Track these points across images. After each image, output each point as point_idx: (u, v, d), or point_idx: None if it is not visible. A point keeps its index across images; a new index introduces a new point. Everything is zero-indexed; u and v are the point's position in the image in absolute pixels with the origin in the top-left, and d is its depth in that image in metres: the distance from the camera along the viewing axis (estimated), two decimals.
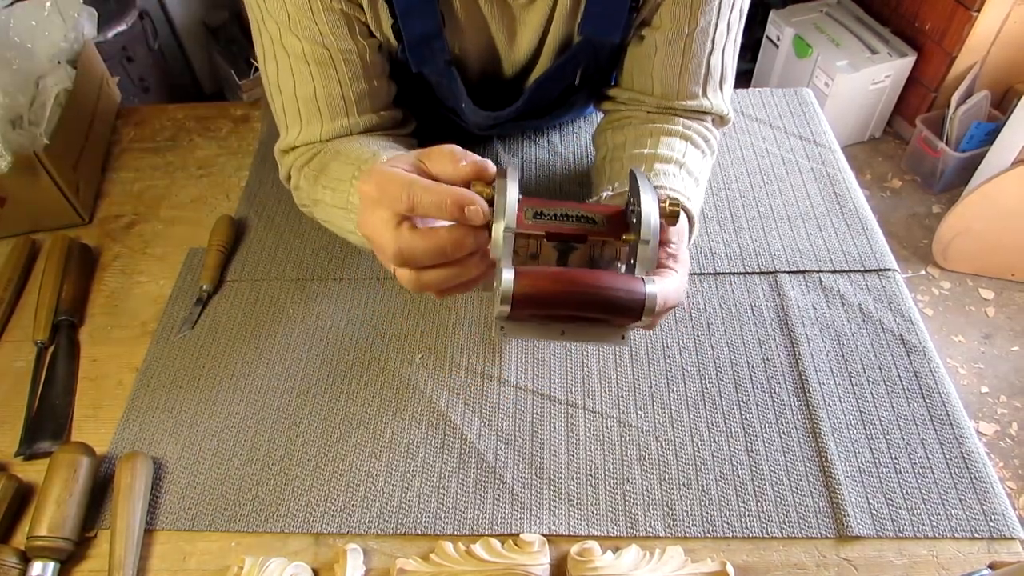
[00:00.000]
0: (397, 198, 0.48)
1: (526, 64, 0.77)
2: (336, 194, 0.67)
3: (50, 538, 0.60)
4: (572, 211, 0.51)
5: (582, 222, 0.51)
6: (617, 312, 0.48)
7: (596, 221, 0.51)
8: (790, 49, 2.40)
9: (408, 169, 0.50)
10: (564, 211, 0.51)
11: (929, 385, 0.72)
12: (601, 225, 0.51)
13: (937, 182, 2.30)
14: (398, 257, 0.49)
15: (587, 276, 0.48)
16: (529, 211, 0.51)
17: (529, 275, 0.47)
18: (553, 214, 0.51)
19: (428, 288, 0.52)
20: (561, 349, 0.76)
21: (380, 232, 0.50)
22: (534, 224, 0.51)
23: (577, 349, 0.76)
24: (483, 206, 0.47)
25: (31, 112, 0.88)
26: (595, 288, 0.47)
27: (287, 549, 0.63)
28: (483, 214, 0.47)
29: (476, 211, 0.47)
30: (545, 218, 0.51)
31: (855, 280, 0.81)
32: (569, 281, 0.47)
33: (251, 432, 0.71)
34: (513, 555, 0.60)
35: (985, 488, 0.65)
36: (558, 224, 0.51)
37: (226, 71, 2.35)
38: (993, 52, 2.15)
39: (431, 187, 0.48)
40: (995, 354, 1.94)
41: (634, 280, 0.48)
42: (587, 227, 0.51)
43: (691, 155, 0.73)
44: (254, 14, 0.68)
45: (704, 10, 0.68)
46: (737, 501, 0.65)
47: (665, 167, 0.70)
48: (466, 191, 0.48)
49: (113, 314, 0.82)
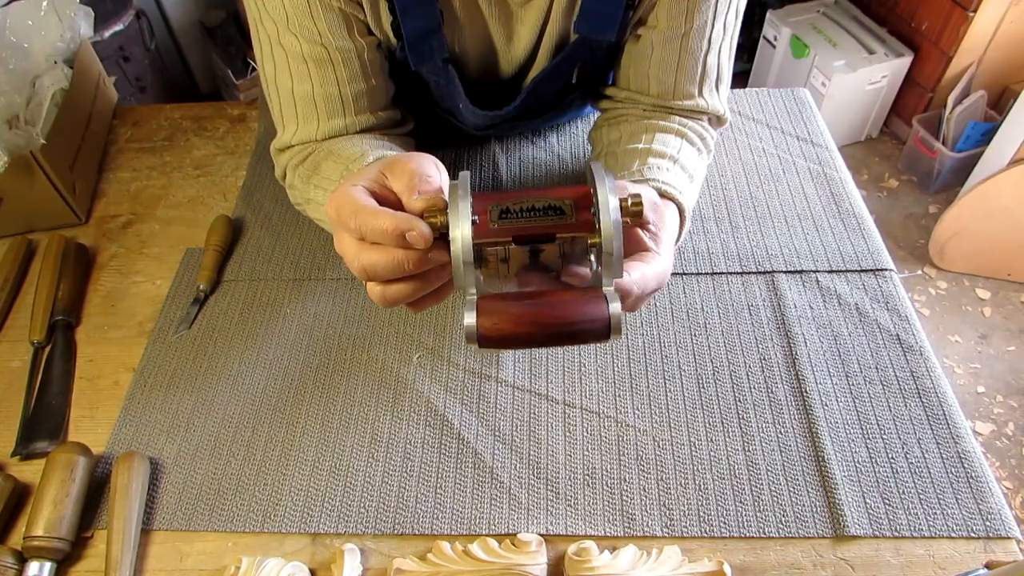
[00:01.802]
0: (348, 223, 0.50)
1: (524, 63, 0.77)
2: (326, 194, 0.67)
3: (46, 538, 0.60)
4: (539, 202, 0.50)
5: (550, 214, 0.50)
6: (583, 340, 0.48)
7: (564, 211, 0.50)
8: (787, 49, 2.41)
9: (368, 186, 0.52)
10: (531, 203, 0.50)
11: (925, 385, 0.72)
12: (569, 215, 0.50)
13: (934, 182, 2.31)
14: (362, 273, 0.51)
15: (549, 312, 0.47)
16: (494, 210, 0.50)
17: (491, 315, 0.47)
18: (519, 209, 0.50)
19: (396, 301, 0.52)
20: (559, 349, 0.76)
21: (344, 250, 0.51)
22: (500, 228, 0.49)
23: (574, 348, 0.76)
24: (423, 231, 0.48)
25: (27, 112, 0.88)
26: (559, 323, 0.47)
27: (284, 549, 0.63)
28: (424, 240, 0.48)
29: (417, 237, 0.48)
30: (511, 217, 0.50)
31: (852, 280, 0.82)
32: (531, 322, 0.47)
33: (248, 432, 0.71)
34: (510, 555, 0.60)
35: (981, 488, 0.65)
36: (525, 223, 0.50)
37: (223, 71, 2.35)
38: (989, 52, 2.16)
39: (375, 214, 0.49)
40: (991, 354, 1.94)
41: (596, 302, 0.47)
42: (555, 221, 0.50)
43: (686, 151, 0.73)
44: (252, 13, 0.68)
45: (700, 9, 0.68)
46: (734, 501, 0.65)
47: (659, 161, 0.70)
48: (406, 217, 0.48)
49: (110, 314, 0.82)
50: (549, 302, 0.48)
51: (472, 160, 0.95)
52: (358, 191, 0.51)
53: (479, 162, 0.95)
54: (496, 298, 0.48)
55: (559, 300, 0.48)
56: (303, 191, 0.72)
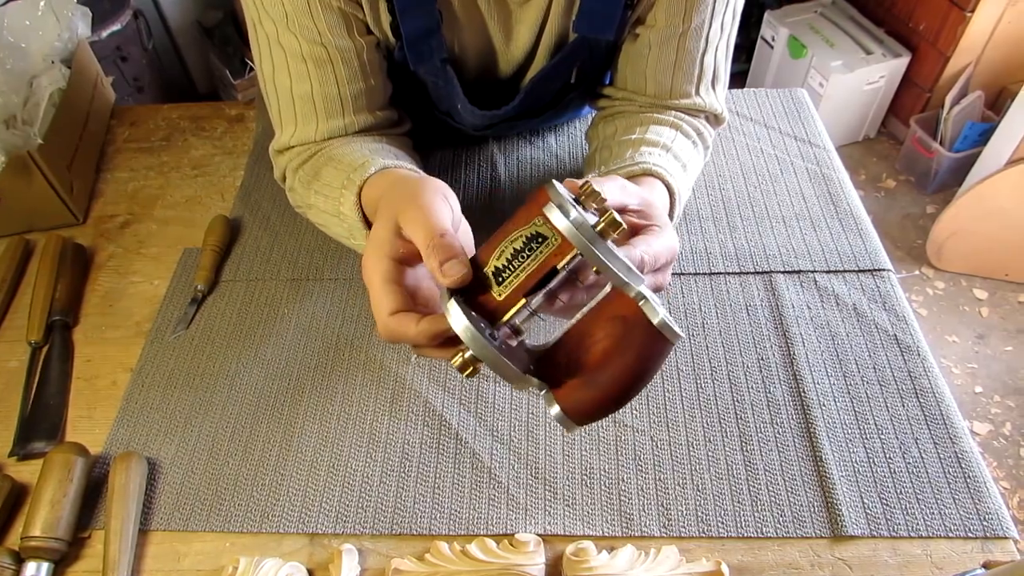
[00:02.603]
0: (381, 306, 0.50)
1: (522, 63, 0.77)
2: (328, 200, 0.68)
3: (44, 538, 0.60)
4: (516, 239, 0.47)
5: (534, 246, 0.46)
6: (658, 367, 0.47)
7: (544, 234, 0.46)
8: (785, 50, 2.41)
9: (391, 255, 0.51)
10: (511, 247, 0.47)
11: (923, 385, 0.72)
12: (552, 237, 0.46)
13: (931, 182, 2.31)
14: (388, 338, 0.51)
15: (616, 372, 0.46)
16: (488, 275, 0.47)
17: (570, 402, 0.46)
18: (507, 261, 0.47)
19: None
20: None
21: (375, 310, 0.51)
22: (507, 298, 0.47)
23: None
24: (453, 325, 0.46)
25: (25, 112, 0.88)
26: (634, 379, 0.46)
27: (282, 549, 0.63)
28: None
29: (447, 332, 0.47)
30: (507, 274, 0.47)
31: (849, 280, 0.82)
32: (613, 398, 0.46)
33: (246, 432, 0.71)
34: (508, 555, 0.60)
35: (979, 488, 0.65)
36: (524, 275, 0.47)
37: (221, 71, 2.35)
38: (987, 52, 2.16)
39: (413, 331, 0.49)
40: (989, 354, 1.94)
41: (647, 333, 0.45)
42: (547, 251, 0.46)
43: (680, 142, 0.73)
44: (250, 13, 0.68)
45: (698, 9, 0.68)
46: (732, 501, 0.65)
47: (651, 149, 0.70)
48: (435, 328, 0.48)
49: (107, 314, 0.82)
50: (617, 369, 0.46)
51: (470, 161, 0.95)
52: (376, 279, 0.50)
53: (477, 163, 0.95)
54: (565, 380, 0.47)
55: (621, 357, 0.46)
56: (304, 196, 0.72)
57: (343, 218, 0.66)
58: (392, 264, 0.51)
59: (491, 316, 0.47)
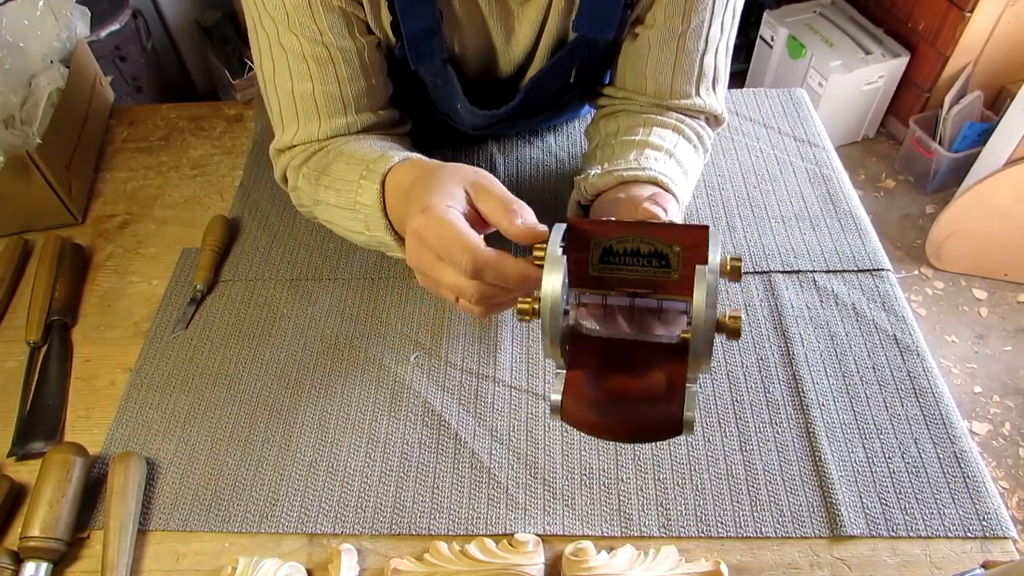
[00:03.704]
0: (459, 262, 0.50)
1: (522, 62, 0.77)
2: (341, 194, 0.67)
3: (43, 539, 0.60)
4: (644, 244, 0.47)
5: (653, 263, 0.47)
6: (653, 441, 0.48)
7: (669, 260, 0.47)
8: (784, 49, 2.41)
9: (461, 209, 0.53)
10: (636, 244, 0.47)
11: (922, 385, 0.72)
12: (675, 268, 0.47)
13: (930, 182, 2.31)
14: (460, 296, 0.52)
15: (628, 420, 0.46)
16: (597, 249, 0.47)
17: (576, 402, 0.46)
18: (623, 252, 0.47)
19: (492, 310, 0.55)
20: None
21: (442, 278, 0.52)
22: (599, 275, 0.47)
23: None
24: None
25: (23, 112, 0.88)
26: (635, 431, 0.47)
27: (281, 549, 0.63)
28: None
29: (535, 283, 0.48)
30: (613, 262, 0.47)
31: (849, 280, 0.82)
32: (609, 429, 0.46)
33: (245, 432, 0.71)
34: (508, 555, 0.60)
35: (978, 488, 0.65)
36: (626, 273, 0.48)
37: (220, 70, 2.35)
38: (986, 52, 2.16)
39: (500, 261, 0.50)
40: (988, 354, 1.94)
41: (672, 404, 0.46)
42: (658, 275, 0.47)
43: (682, 147, 0.73)
44: (250, 12, 0.68)
45: (698, 9, 0.68)
46: (731, 501, 0.65)
47: (655, 153, 0.70)
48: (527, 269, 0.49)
49: (106, 314, 0.82)
50: (629, 418, 0.46)
51: (469, 161, 0.95)
52: (458, 220, 0.52)
53: (476, 163, 0.95)
54: (584, 380, 0.47)
55: (638, 413, 0.46)
56: (311, 192, 0.72)
57: (359, 208, 0.66)
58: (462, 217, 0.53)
59: (572, 278, 0.47)
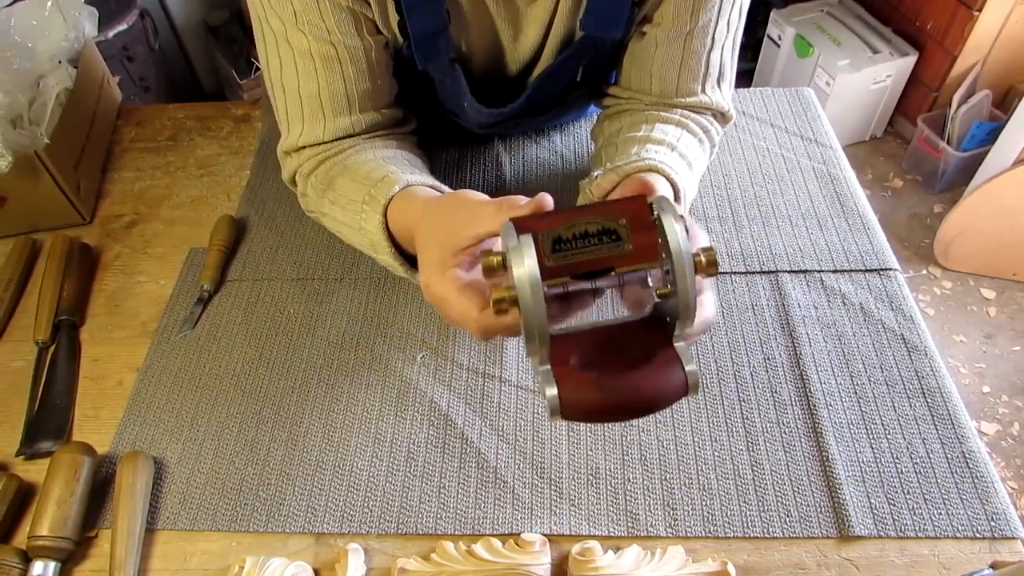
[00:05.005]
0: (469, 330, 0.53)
1: (529, 61, 0.77)
2: (346, 212, 0.68)
3: (51, 538, 0.60)
4: (591, 224, 0.47)
5: (605, 240, 0.47)
6: (664, 406, 0.47)
7: (619, 234, 0.47)
8: (791, 48, 2.40)
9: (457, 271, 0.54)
10: (583, 227, 0.47)
11: (930, 385, 0.72)
12: (626, 241, 0.47)
13: (938, 182, 2.30)
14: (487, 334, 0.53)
15: (632, 396, 0.46)
16: (546, 240, 0.47)
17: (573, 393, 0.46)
18: (572, 236, 0.47)
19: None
20: None
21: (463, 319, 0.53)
22: (556, 265, 0.47)
23: None
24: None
25: (32, 112, 0.88)
26: (641, 404, 0.46)
27: (288, 549, 0.63)
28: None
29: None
30: (565, 249, 0.47)
31: (856, 280, 0.81)
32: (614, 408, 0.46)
33: (252, 432, 0.71)
34: (514, 555, 0.60)
35: (987, 488, 0.65)
36: (581, 256, 0.47)
37: (227, 70, 2.35)
38: (994, 51, 2.15)
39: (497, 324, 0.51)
40: (996, 354, 1.93)
41: (673, 370, 0.46)
42: (613, 251, 0.47)
43: (685, 140, 0.73)
44: (256, 11, 0.68)
45: (706, 7, 0.68)
46: (738, 501, 0.65)
47: (657, 147, 0.70)
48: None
49: (114, 314, 0.82)
50: (631, 384, 0.46)
51: (476, 159, 0.95)
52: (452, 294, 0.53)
53: (483, 162, 0.95)
54: (571, 370, 0.47)
55: (640, 377, 0.46)
56: (318, 204, 0.73)
57: (365, 233, 0.66)
58: (456, 272, 0.53)
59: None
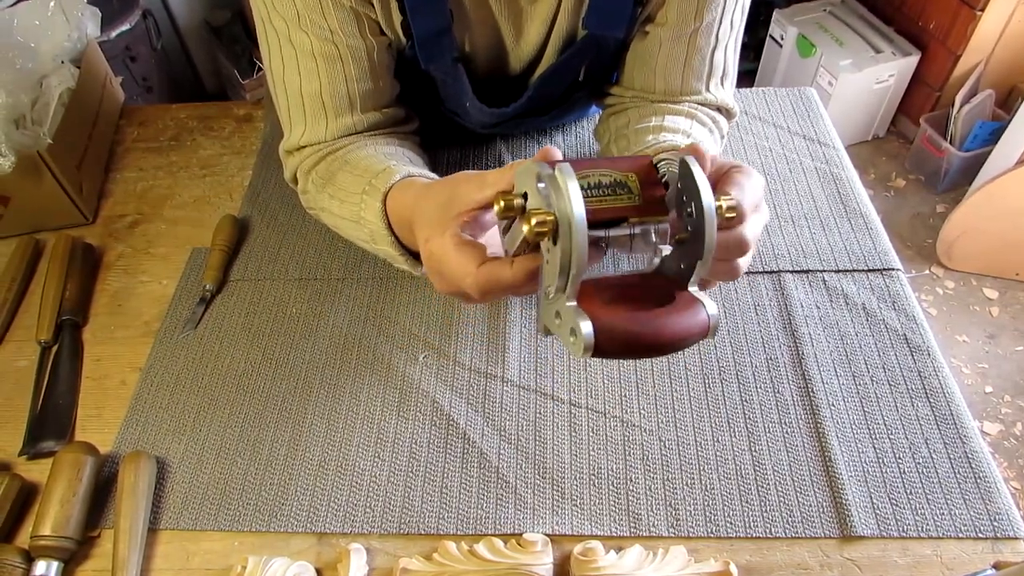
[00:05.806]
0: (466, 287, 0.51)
1: (531, 60, 0.77)
2: (345, 205, 0.68)
3: (54, 537, 0.60)
4: (604, 176, 0.48)
5: (618, 192, 0.48)
6: (689, 344, 0.47)
7: (630, 188, 0.48)
8: (793, 48, 2.40)
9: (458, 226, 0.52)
10: (598, 177, 0.48)
11: (933, 385, 0.72)
12: (636, 194, 0.48)
13: (941, 181, 2.29)
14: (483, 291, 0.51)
15: (662, 332, 0.46)
16: None
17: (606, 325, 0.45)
18: (587, 186, 0.47)
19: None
20: (563, 348, 0.76)
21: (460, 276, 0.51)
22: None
23: None
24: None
25: (34, 112, 0.88)
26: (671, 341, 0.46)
27: (290, 549, 0.63)
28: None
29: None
30: (586, 194, 0.47)
31: (859, 280, 0.81)
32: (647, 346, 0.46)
33: (254, 431, 0.71)
34: (516, 555, 0.60)
35: (989, 488, 0.65)
36: (597, 203, 0.47)
37: (229, 70, 2.35)
38: (997, 51, 2.15)
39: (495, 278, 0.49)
40: (999, 354, 1.93)
41: (696, 311, 0.46)
42: (625, 202, 0.48)
43: (697, 130, 0.73)
44: (259, 11, 0.68)
45: (710, 7, 0.68)
46: (740, 501, 0.65)
47: (671, 135, 0.70)
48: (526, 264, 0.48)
49: (116, 314, 0.82)
50: (660, 320, 0.46)
51: (477, 160, 0.95)
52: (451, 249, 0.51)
53: (485, 162, 0.95)
54: (601, 306, 0.47)
55: (666, 314, 0.46)
56: (317, 199, 0.73)
57: (364, 223, 0.66)
58: (458, 228, 0.52)
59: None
